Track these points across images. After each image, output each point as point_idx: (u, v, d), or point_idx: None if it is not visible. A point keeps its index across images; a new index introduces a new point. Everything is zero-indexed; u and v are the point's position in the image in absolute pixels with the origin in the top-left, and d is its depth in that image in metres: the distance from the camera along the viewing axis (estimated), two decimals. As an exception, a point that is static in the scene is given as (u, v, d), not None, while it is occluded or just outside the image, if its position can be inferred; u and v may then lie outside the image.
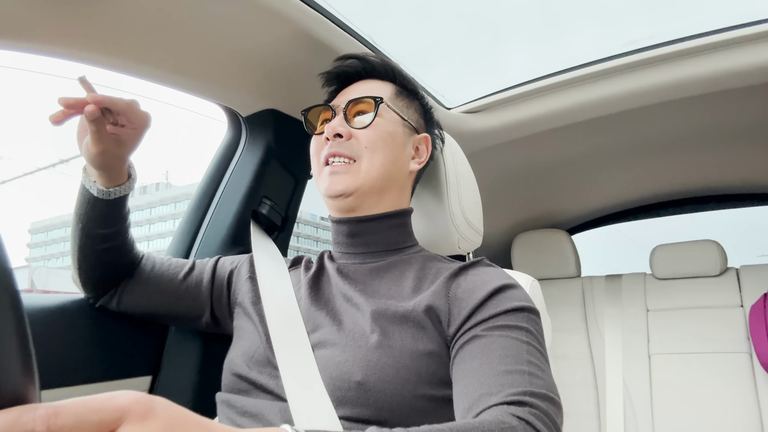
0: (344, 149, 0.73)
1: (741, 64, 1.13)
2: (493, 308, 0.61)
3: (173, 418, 0.31)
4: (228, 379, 0.71)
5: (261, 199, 1.06)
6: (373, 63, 0.80)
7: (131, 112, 0.69)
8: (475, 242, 0.92)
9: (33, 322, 0.77)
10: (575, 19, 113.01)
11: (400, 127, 0.77)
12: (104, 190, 0.74)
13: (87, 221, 0.75)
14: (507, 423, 0.47)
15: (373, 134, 0.73)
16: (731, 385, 1.64)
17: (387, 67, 0.81)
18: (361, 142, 0.73)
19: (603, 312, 1.91)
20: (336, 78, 0.83)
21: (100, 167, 0.72)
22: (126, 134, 0.70)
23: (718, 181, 1.96)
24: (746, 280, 1.76)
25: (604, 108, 1.31)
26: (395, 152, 0.76)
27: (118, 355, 0.84)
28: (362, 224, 0.75)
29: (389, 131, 0.75)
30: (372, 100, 0.74)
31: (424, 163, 0.81)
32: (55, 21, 0.70)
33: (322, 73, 0.83)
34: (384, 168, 0.73)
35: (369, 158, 0.73)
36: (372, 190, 0.73)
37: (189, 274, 0.83)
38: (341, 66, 0.82)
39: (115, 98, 0.67)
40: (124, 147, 0.72)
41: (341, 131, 0.73)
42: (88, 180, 0.74)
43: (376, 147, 0.73)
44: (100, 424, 0.28)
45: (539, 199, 2.07)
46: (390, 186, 0.76)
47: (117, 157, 0.72)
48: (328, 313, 0.69)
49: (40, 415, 0.27)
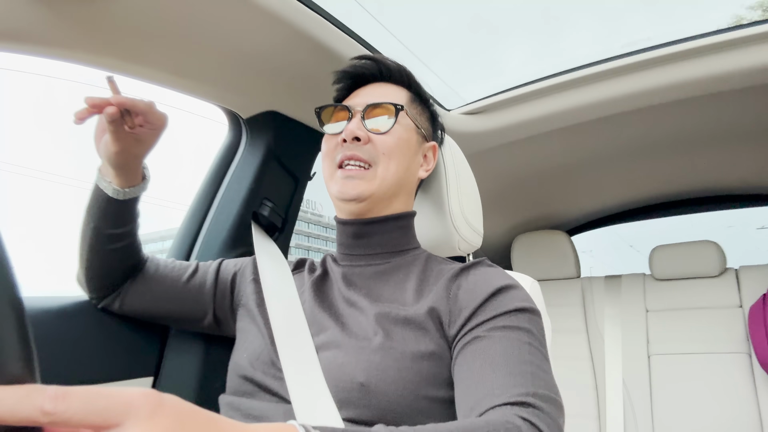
0: (362, 153, 0.72)
1: (741, 65, 1.13)
2: (495, 309, 0.61)
3: (182, 415, 0.31)
4: (233, 381, 0.71)
5: (261, 200, 1.06)
6: (390, 67, 0.79)
7: (150, 113, 0.70)
8: (475, 243, 0.92)
9: (35, 323, 0.76)
10: (574, 16, 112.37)
11: (414, 135, 0.77)
12: (119, 190, 0.74)
13: (99, 220, 0.76)
14: (512, 423, 0.47)
15: (390, 141, 0.73)
16: (731, 386, 1.64)
17: (403, 73, 0.80)
18: (378, 148, 0.72)
19: (603, 313, 1.92)
20: (350, 77, 0.81)
21: (116, 166, 0.73)
22: (144, 134, 0.72)
23: (717, 182, 1.97)
24: (745, 281, 1.77)
25: (604, 109, 1.32)
26: (408, 159, 0.76)
27: (120, 357, 0.84)
28: (368, 226, 0.75)
29: (405, 139, 0.75)
30: (392, 106, 0.74)
31: (431, 170, 0.82)
32: (55, 23, 0.70)
33: (337, 71, 0.82)
34: (398, 175, 0.74)
35: (385, 165, 0.72)
36: (385, 196, 0.74)
37: (192, 276, 0.84)
38: (358, 66, 0.80)
39: (136, 100, 0.68)
40: (141, 146, 0.73)
41: (360, 134, 0.72)
42: (102, 180, 0.75)
43: (393, 154, 0.73)
44: (106, 414, 0.28)
45: (539, 201, 2.08)
46: (400, 192, 0.76)
47: (134, 157, 0.74)
48: (332, 316, 0.69)
49: (49, 394, 0.27)
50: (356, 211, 0.74)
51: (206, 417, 0.33)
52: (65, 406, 0.27)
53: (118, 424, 0.28)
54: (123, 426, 0.28)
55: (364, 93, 0.78)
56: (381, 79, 0.80)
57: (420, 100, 0.81)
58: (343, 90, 0.82)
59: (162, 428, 0.29)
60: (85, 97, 0.66)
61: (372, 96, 0.77)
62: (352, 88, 0.81)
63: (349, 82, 0.82)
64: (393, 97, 0.77)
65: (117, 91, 0.68)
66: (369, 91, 0.78)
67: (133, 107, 0.68)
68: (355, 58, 0.82)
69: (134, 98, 0.68)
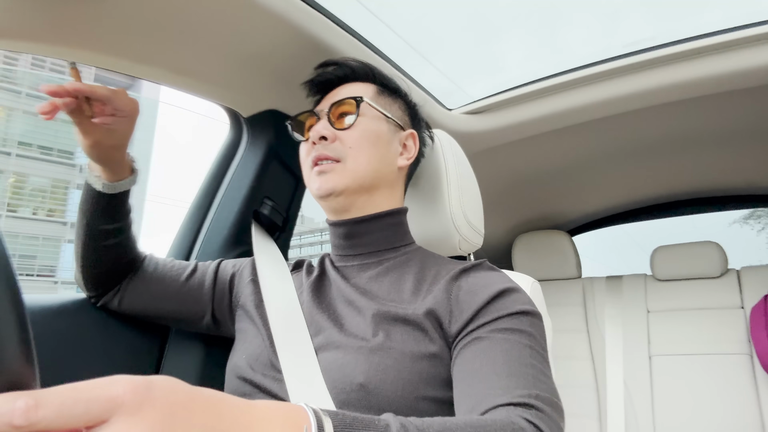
0: (329, 151, 0.73)
1: (743, 65, 1.13)
2: (496, 311, 0.61)
3: (175, 405, 0.29)
4: (231, 383, 0.71)
5: (262, 199, 1.06)
6: (352, 66, 0.81)
7: (117, 100, 0.68)
8: (476, 243, 0.92)
9: (34, 322, 0.77)
10: (574, 13, 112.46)
11: (384, 125, 0.78)
12: (108, 184, 0.74)
13: (91, 217, 0.76)
14: (517, 425, 0.47)
15: (356, 134, 0.74)
16: (732, 387, 1.64)
17: (366, 69, 0.81)
18: (345, 143, 0.74)
19: (603, 313, 1.91)
20: (318, 86, 0.84)
21: (99, 160, 0.73)
22: (115, 123, 0.70)
23: (719, 183, 1.96)
24: (747, 282, 1.76)
25: (606, 109, 1.31)
26: (381, 150, 0.76)
27: (119, 356, 0.84)
28: (358, 225, 0.75)
29: (372, 129, 0.76)
30: (353, 100, 0.75)
31: (413, 158, 0.81)
32: (56, 21, 0.70)
33: (305, 82, 0.85)
34: (370, 165, 0.74)
35: (354, 157, 0.73)
36: (361, 188, 0.74)
37: (191, 276, 0.83)
38: (322, 73, 0.83)
39: (96, 87, 0.66)
40: (115, 137, 0.71)
41: (325, 134, 0.74)
42: (91, 175, 0.75)
43: (361, 146, 0.74)
44: (89, 414, 0.26)
45: (540, 200, 2.07)
46: (379, 184, 0.76)
47: (113, 148, 0.72)
48: (330, 316, 0.69)
49: (19, 407, 0.25)
50: (337, 207, 0.75)
51: (205, 400, 0.31)
52: (40, 416, 0.25)
53: (105, 420, 0.26)
54: (109, 422, 0.27)
55: (330, 96, 0.80)
56: (346, 80, 0.81)
57: (389, 91, 0.82)
58: (316, 100, 0.85)
59: (150, 422, 0.27)
60: (41, 86, 0.63)
61: (336, 96, 0.79)
62: (323, 96, 0.83)
63: (319, 91, 0.84)
64: (356, 92, 0.78)
65: (78, 79, 0.65)
66: (334, 93, 0.80)
67: (92, 94, 0.66)
68: (320, 66, 0.84)
69: (93, 85, 0.66)
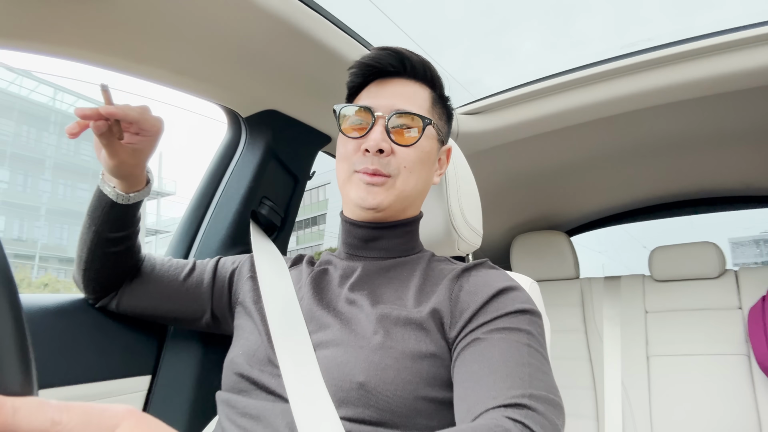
0: (383, 167, 0.69)
1: (743, 66, 1.13)
2: (495, 311, 0.61)
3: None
4: (229, 378, 0.70)
5: (260, 199, 1.06)
6: (414, 62, 0.73)
7: (143, 120, 0.68)
8: (475, 243, 0.92)
9: (32, 322, 0.77)
10: (573, 13, 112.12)
11: (435, 144, 0.76)
12: (123, 195, 0.74)
13: (100, 224, 0.75)
14: (501, 426, 0.47)
15: (413, 154, 0.71)
16: (729, 387, 1.64)
17: (427, 71, 0.75)
18: (400, 161, 0.70)
19: (602, 313, 1.92)
20: (369, 69, 0.74)
21: (119, 177, 0.73)
22: (140, 142, 0.70)
23: (718, 184, 1.97)
24: (745, 283, 1.77)
25: (604, 110, 1.32)
26: (427, 169, 0.75)
27: (118, 355, 0.84)
28: (378, 230, 0.75)
29: (427, 150, 0.73)
30: (420, 119, 0.70)
31: (443, 174, 0.81)
32: (55, 21, 0.70)
33: (356, 62, 0.74)
34: (417, 187, 0.73)
35: (405, 178, 0.71)
36: (402, 206, 0.73)
37: (190, 274, 0.83)
38: (377, 57, 0.72)
39: (127, 109, 0.66)
40: (140, 155, 0.72)
41: (384, 147, 0.69)
42: (106, 185, 0.74)
43: (414, 167, 0.71)
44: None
45: (538, 201, 2.08)
46: (416, 200, 0.76)
47: (135, 166, 0.73)
48: (331, 314, 0.69)
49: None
50: (371, 218, 0.74)
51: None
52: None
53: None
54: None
55: (386, 92, 0.72)
56: (404, 75, 0.74)
57: (441, 101, 0.77)
58: (358, 81, 0.75)
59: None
60: (75, 109, 0.63)
61: (396, 98, 0.71)
62: (368, 81, 0.75)
63: (367, 76, 0.75)
64: (419, 100, 0.73)
65: (110, 101, 0.65)
66: (392, 90, 0.72)
67: (125, 117, 0.66)
68: (377, 49, 0.74)
69: (126, 107, 0.66)
